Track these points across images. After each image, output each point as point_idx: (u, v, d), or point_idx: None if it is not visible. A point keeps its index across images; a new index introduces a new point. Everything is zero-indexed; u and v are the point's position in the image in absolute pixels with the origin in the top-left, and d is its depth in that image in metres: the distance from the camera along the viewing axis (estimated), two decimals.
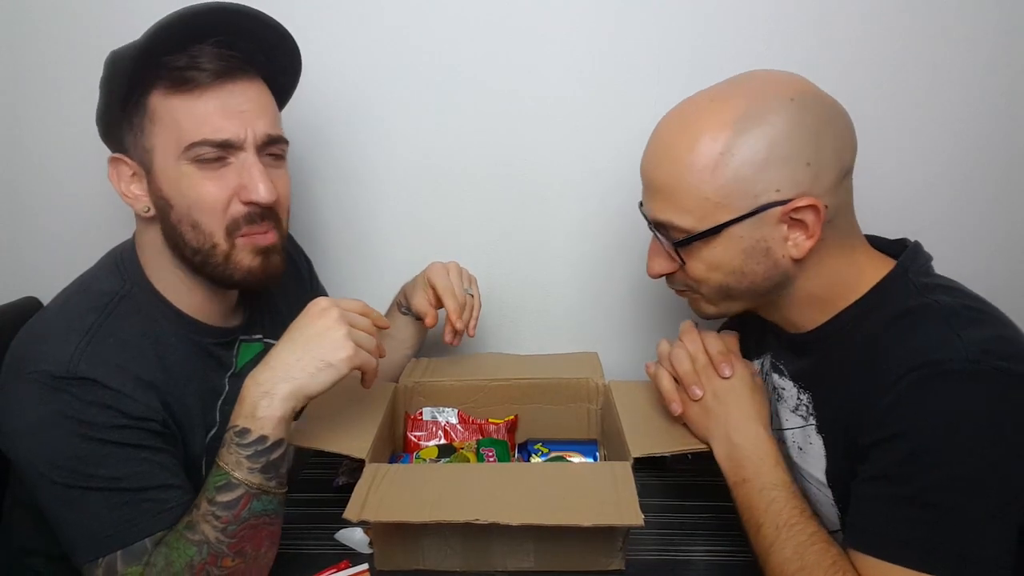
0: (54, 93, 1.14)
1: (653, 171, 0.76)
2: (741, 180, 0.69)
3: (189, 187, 0.76)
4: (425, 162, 1.16)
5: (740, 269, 0.73)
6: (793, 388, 0.82)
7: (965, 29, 1.06)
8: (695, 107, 0.74)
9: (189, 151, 0.75)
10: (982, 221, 1.13)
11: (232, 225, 0.78)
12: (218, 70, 0.75)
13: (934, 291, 0.70)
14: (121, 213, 1.00)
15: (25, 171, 1.19)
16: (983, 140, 1.10)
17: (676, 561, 0.83)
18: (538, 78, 1.12)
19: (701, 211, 0.71)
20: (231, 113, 0.75)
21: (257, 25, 0.78)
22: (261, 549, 0.74)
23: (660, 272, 0.80)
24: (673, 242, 0.74)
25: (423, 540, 0.79)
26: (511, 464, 0.96)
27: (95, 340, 0.74)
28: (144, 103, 0.76)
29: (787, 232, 0.71)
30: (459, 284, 1.00)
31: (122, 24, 1.09)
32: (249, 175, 0.76)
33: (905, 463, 0.63)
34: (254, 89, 0.79)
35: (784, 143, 0.68)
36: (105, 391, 0.72)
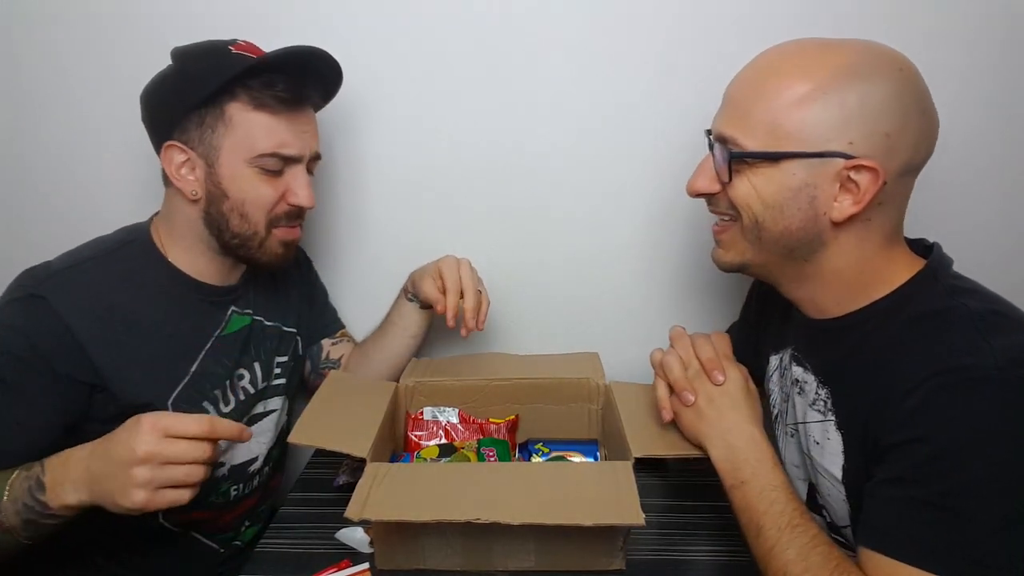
0: (54, 94, 1.14)
1: (739, 87, 0.75)
2: (820, 121, 0.68)
3: (249, 186, 0.89)
4: (425, 161, 1.16)
5: (780, 207, 0.72)
6: (814, 382, 0.81)
7: (965, 29, 1.06)
8: (804, 47, 0.73)
9: (258, 159, 0.88)
10: (983, 221, 1.13)
11: (274, 220, 0.92)
12: (292, 100, 0.89)
13: (963, 294, 0.69)
14: (121, 214, 1.01)
15: (25, 172, 1.19)
16: (984, 140, 1.10)
17: (676, 561, 0.83)
18: (540, 78, 1.12)
19: (769, 136, 0.71)
20: (297, 134, 0.90)
21: (327, 69, 0.94)
22: None
23: (701, 190, 0.79)
24: (730, 154, 0.73)
25: (424, 540, 0.79)
26: (512, 464, 0.96)
27: (76, 270, 0.86)
28: (222, 109, 0.87)
29: (837, 192, 0.70)
30: (469, 278, 1.01)
31: (122, 25, 1.11)
32: (297, 183, 0.92)
33: (926, 466, 0.62)
34: (312, 116, 0.95)
35: (876, 106, 0.68)
36: (47, 314, 0.80)
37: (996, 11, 1.06)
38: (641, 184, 1.16)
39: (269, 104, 0.87)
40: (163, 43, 0.91)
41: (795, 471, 0.88)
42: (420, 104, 1.13)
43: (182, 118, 0.87)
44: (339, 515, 0.73)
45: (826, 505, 0.80)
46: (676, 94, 1.11)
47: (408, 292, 1.08)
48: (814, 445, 0.79)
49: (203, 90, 0.85)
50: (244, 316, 1.00)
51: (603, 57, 1.11)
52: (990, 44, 1.07)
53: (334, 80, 0.96)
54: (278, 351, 1.06)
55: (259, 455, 1.01)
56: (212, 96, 0.86)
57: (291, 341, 1.09)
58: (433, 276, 1.02)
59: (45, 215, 1.21)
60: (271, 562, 0.84)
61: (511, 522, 0.71)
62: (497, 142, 1.15)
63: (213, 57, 0.87)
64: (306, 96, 0.92)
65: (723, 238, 0.81)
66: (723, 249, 0.81)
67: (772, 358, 0.93)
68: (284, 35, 0.99)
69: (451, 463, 0.93)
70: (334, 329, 1.17)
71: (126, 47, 1.11)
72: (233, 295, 0.99)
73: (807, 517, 0.70)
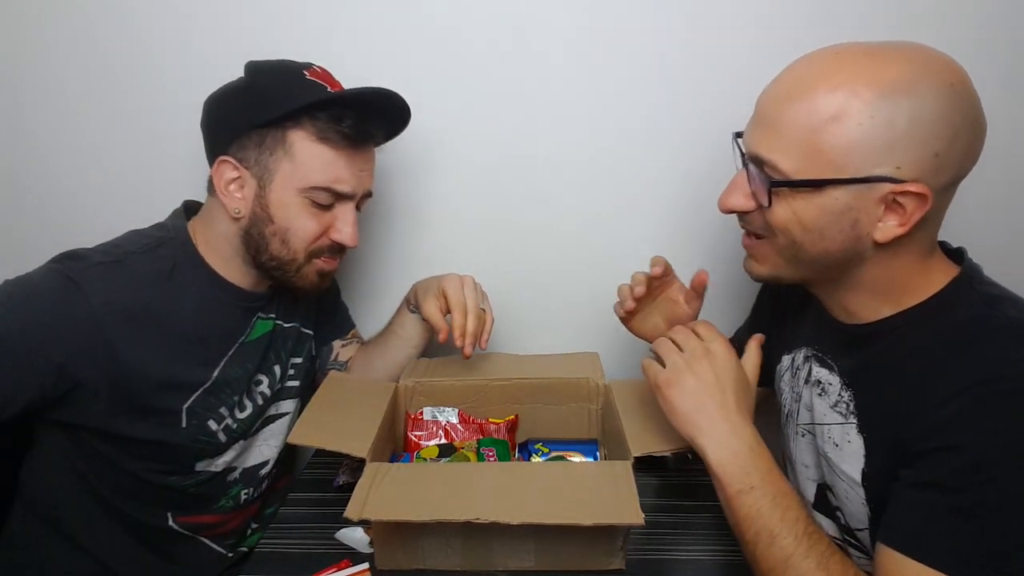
0: (55, 95, 1.14)
1: (775, 104, 0.69)
2: (866, 144, 0.64)
3: (296, 216, 0.88)
4: (426, 162, 1.16)
5: (820, 231, 0.69)
6: (839, 384, 0.79)
7: (966, 29, 1.06)
8: (848, 56, 0.67)
9: (311, 191, 0.88)
10: (982, 220, 1.13)
11: (315, 252, 0.92)
12: (357, 138, 0.88)
13: (1001, 303, 0.68)
14: (121, 214, 1.01)
15: (25, 172, 1.19)
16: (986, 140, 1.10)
17: (676, 561, 0.83)
18: (542, 78, 1.12)
19: (809, 160, 0.67)
20: (354, 172, 0.90)
21: (396, 111, 0.93)
22: None
23: (735, 208, 0.75)
24: (770, 182, 0.69)
25: (424, 540, 0.79)
26: (511, 463, 0.96)
27: (119, 265, 0.84)
28: (284, 134, 0.86)
29: (882, 214, 0.67)
30: (473, 298, 1.00)
31: (121, 27, 1.11)
32: (344, 220, 0.91)
33: (962, 474, 0.61)
34: (371, 155, 0.94)
35: (926, 126, 0.63)
36: (75, 301, 0.79)
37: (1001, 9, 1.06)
38: (642, 184, 1.16)
39: (333, 139, 0.86)
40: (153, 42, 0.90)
41: (804, 471, 0.87)
42: (427, 107, 1.13)
43: (242, 135, 0.87)
44: (339, 515, 0.73)
45: (841, 507, 0.79)
46: (683, 97, 1.11)
47: (410, 304, 1.07)
48: (832, 447, 0.78)
49: (270, 112, 0.85)
50: (267, 321, 1.00)
51: (608, 60, 1.10)
52: (995, 43, 1.07)
53: (401, 122, 0.95)
54: (294, 352, 1.06)
55: (270, 459, 1.01)
56: (278, 120, 0.85)
57: (307, 342, 1.09)
58: (436, 295, 1.00)
59: (34, 227, 1.21)
60: (271, 562, 0.84)
61: (510, 521, 0.71)
62: (500, 144, 1.15)
63: (286, 79, 0.87)
64: (370, 135, 0.91)
65: (756, 253, 0.78)
66: (756, 263, 0.78)
67: (784, 357, 0.92)
68: (287, 37, 0.99)
69: (451, 463, 0.93)
70: (345, 329, 1.16)
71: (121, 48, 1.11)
72: (261, 302, 0.98)
73: (815, 524, 0.69)
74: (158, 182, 1.15)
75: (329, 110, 0.85)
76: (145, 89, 1.13)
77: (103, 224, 0.96)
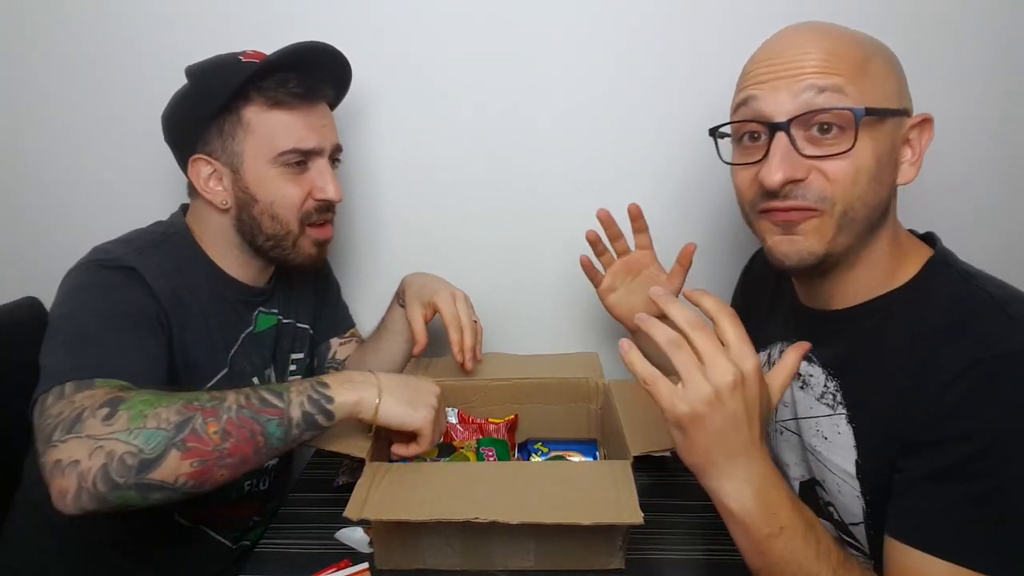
0: (53, 97, 1.15)
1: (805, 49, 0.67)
2: (895, 78, 0.69)
3: (275, 187, 0.90)
4: (425, 164, 1.17)
5: (879, 175, 0.68)
6: (822, 375, 0.77)
7: (965, 29, 1.06)
8: (819, 24, 0.72)
9: (280, 157, 0.89)
10: (983, 221, 1.14)
11: (304, 217, 0.93)
12: (306, 94, 0.90)
13: (979, 279, 0.67)
14: (121, 215, 1.01)
15: (25, 173, 1.19)
16: (985, 140, 1.10)
17: (676, 561, 0.83)
18: (538, 81, 1.12)
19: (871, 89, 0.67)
20: (314, 128, 0.91)
21: (335, 64, 0.96)
22: (232, 457, 0.71)
23: (793, 176, 0.67)
24: (863, 111, 0.65)
25: (423, 539, 0.79)
26: (511, 463, 0.96)
27: (143, 255, 0.85)
28: (239, 114, 0.89)
29: (903, 152, 0.70)
30: (467, 313, 1.00)
31: (121, 29, 1.11)
32: (323, 178, 0.93)
33: (974, 461, 0.60)
34: (326, 109, 0.95)
35: (899, 64, 0.70)
36: (138, 282, 0.82)
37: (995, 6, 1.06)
38: (642, 185, 1.16)
39: (284, 101, 0.89)
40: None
41: (786, 469, 0.86)
42: (427, 107, 1.14)
43: (203, 131, 0.90)
44: (339, 515, 0.73)
45: (834, 503, 0.78)
46: (679, 95, 1.12)
47: (400, 298, 1.07)
48: (821, 440, 0.77)
49: (219, 99, 0.87)
50: (271, 316, 1.02)
51: (602, 64, 1.11)
52: (986, 39, 1.07)
53: (343, 74, 0.98)
54: (293, 348, 1.07)
55: None
56: (228, 104, 0.88)
57: (305, 338, 1.10)
58: (424, 304, 1.00)
59: (34, 227, 1.21)
60: (271, 562, 0.84)
61: (510, 521, 0.71)
62: (500, 144, 1.15)
63: (224, 68, 0.90)
64: (319, 90, 0.93)
65: (806, 226, 0.69)
66: (801, 237, 0.70)
67: (760, 353, 0.92)
68: (285, 39, 0.99)
69: (450, 462, 0.93)
70: (345, 327, 1.17)
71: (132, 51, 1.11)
72: (262, 297, 1.01)
73: (841, 545, 0.64)
74: (145, 184, 1.16)
75: (272, 77, 0.88)
76: (129, 91, 1.13)
77: (92, 226, 0.97)
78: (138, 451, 0.66)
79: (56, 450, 0.66)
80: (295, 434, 0.76)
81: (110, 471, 0.65)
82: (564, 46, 1.11)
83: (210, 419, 0.70)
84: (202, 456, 0.69)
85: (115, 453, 0.66)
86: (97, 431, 0.67)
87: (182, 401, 0.71)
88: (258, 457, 0.74)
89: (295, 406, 0.75)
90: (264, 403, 0.74)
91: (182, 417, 0.69)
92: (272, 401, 0.75)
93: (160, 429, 0.68)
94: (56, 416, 0.68)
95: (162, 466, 0.67)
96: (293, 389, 0.77)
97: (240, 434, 0.72)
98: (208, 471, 0.70)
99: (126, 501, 0.67)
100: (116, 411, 0.68)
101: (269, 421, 0.74)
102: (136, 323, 0.80)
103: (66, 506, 0.66)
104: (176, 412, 0.69)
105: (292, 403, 0.76)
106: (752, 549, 0.62)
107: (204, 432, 0.70)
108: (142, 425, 0.67)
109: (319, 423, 0.77)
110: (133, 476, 0.66)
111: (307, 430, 0.77)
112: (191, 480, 0.69)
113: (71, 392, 0.71)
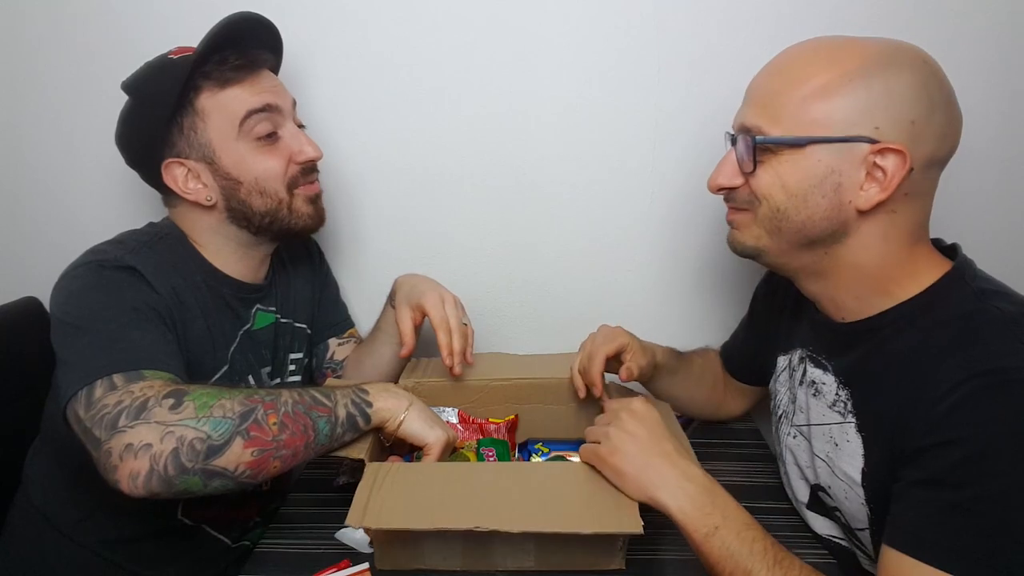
0: (52, 98, 1.14)
1: (764, 80, 0.75)
2: (846, 106, 0.68)
3: (253, 163, 0.90)
4: (423, 164, 1.17)
5: (804, 196, 0.71)
6: (834, 383, 0.79)
7: (967, 29, 1.06)
8: (831, 40, 0.73)
9: (243, 126, 0.89)
10: (982, 219, 1.14)
11: (291, 183, 0.94)
12: (248, 65, 0.91)
13: (993, 297, 0.68)
14: (120, 215, 1.01)
15: (25, 173, 1.19)
16: (985, 140, 1.10)
17: (676, 561, 0.83)
18: (534, 81, 1.12)
19: (794, 123, 0.70)
20: (265, 90, 0.91)
21: (262, 29, 0.95)
22: (287, 448, 0.75)
23: (723, 184, 0.77)
24: (755, 141, 0.72)
25: (424, 542, 0.79)
26: (512, 464, 0.96)
27: (139, 255, 0.86)
28: (192, 106, 0.88)
29: (863, 179, 0.69)
30: (456, 316, 1.00)
31: (120, 31, 1.11)
32: (297, 141, 0.94)
33: (960, 469, 0.61)
34: (270, 74, 0.95)
35: (903, 94, 0.67)
36: (141, 281, 0.83)
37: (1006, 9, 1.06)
38: (641, 185, 1.16)
39: (231, 76, 0.89)
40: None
41: (797, 471, 0.87)
42: (422, 105, 1.14)
43: (164, 137, 0.89)
44: (339, 515, 0.73)
45: (840, 508, 0.79)
46: (675, 94, 1.11)
47: (392, 300, 1.07)
48: (832, 447, 0.78)
49: (168, 100, 0.87)
50: (269, 313, 1.02)
51: (600, 62, 1.11)
52: (1000, 44, 1.07)
53: (273, 34, 0.97)
54: (292, 348, 1.06)
55: None
56: (179, 102, 0.87)
57: (304, 338, 1.09)
58: (413, 307, 1.00)
59: (34, 227, 1.21)
60: (271, 562, 0.84)
61: (511, 530, 0.71)
62: (497, 144, 1.15)
63: (160, 71, 0.90)
64: (259, 58, 0.93)
65: (737, 219, 0.79)
66: (739, 232, 0.79)
67: (780, 358, 0.92)
68: (285, 46, 0.99)
69: (450, 463, 0.93)
70: (343, 328, 1.17)
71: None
72: (259, 293, 1.00)
73: (780, 546, 0.68)
74: (145, 184, 1.15)
75: (210, 60, 0.88)
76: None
77: (92, 226, 0.97)
78: (207, 437, 0.70)
79: (125, 435, 0.68)
80: (339, 433, 0.80)
81: (180, 455, 0.68)
82: (559, 44, 1.10)
83: (270, 411, 0.75)
84: (262, 445, 0.73)
85: (185, 438, 0.69)
86: (166, 418, 0.69)
87: (243, 394, 0.75)
88: (307, 451, 0.78)
89: (340, 406, 0.81)
90: (316, 401, 0.79)
91: (245, 408, 0.73)
92: (322, 400, 0.80)
93: (226, 418, 0.72)
94: (115, 405, 0.70)
95: (227, 453, 0.71)
96: (338, 392, 0.82)
97: (295, 427, 0.76)
98: (265, 461, 0.74)
99: (188, 487, 0.70)
100: (182, 400, 0.71)
101: (320, 417, 0.78)
102: (151, 319, 0.81)
103: (136, 487, 0.68)
104: (239, 403, 0.73)
105: (338, 403, 0.81)
106: (697, 550, 0.70)
107: (265, 422, 0.74)
108: (209, 414, 0.71)
109: (359, 425, 0.82)
110: (200, 461, 0.69)
111: (349, 430, 0.82)
112: (249, 470, 0.73)
113: (123, 383, 0.73)
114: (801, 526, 0.89)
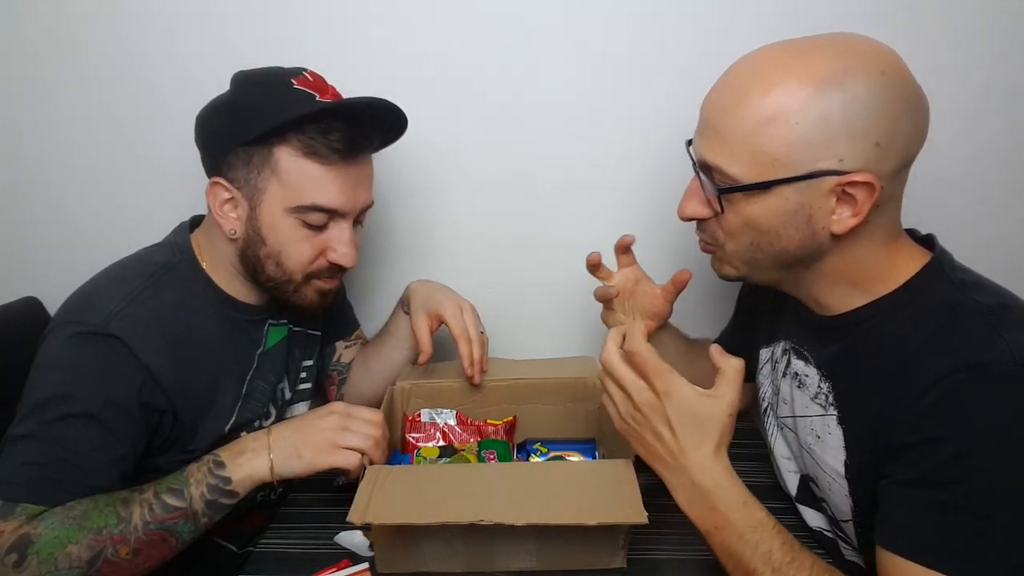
0: (54, 98, 1.14)
1: (715, 112, 0.71)
2: (806, 141, 0.65)
3: (287, 239, 0.85)
4: (425, 166, 1.17)
5: (776, 231, 0.70)
6: (816, 376, 0.79)
7: (967, 29, 1.07)
8: (777, 56, 0.69)
9: (300, 210, 0.83)
10: (983, 219, 1.14)
11: (312, 274, 0.89)
12: (348, 151, 0.83)
13: (972, 288, 0.68)
14: (119, 215, 1.01)
15: (26, 174, 1.18)
16: (984, 140, 1.11)
17: (677, 560, 0.83)
18: (540, 82, 1.12)
19: (755, 163, 0.67)
20: (346, 188, 0.84)
21: (391, 119, 0.88)
22: (148, 562, 0.76)
23: (692, 215, 0.76)
24: (718, 189, 0.70)
25: (425, 542, 0.79)
26: (513, 463, 0.96)
27: (135, 303, 0.81)
28: (271, 151, 0.82)
29: (835, 206, 0.67)
30: (475, 325, 1.00)
31: (119, 32, 1.11)
32: (340, 241, 0.87)
33: (947, 467, 0.61)
34: (367, 165, 0.89)
35: (862, 115, 0.64)
36: (120, 356, 0.78)
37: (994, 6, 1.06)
38: (639, 186, 1.17)
39: (321, 153, 0.81)
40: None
41: (786, 463, 0.88)
42: (420, 109, 1.13)
43: (230, 154, 0.83)
44: (339, 515, 0.73)
45: (826, 499, 0.79)
46: (675, 98, 1.12)
47: (404, 305, 1.07)
48: (815, 439, 0.79)
49: (255, 129, 0.81)
50: (281, 327, 1.00)
51: (606, 65, 1.11)
52: (988, 40, 1.08)
53: (396, 130, 0.91)
54: (305, 356, 1.06)
55: None
56: (263, 136, 0.81)
57: (316, 343, 1.09)
58: (430, 315, 1.00)
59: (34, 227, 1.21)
60: (271, 562, 0.84)
61: (514, 523, 0.71)
62: (499, 145, 1.16)
63: (271, 92, 0.83)
64: (363, 147, 0.86)
65: (718, 256, 0.79)
66: (719, 264, 0.80)
67: (763, 351, 0.93)
68: (287, 38, 0.99)
69: (450, 463, 0.93)
70: (350, 330, 1.16)
71: None
72: (268, 311, 0.98)
73: (797, 548, 0.66)
74: (145, 185, 1.16)
75: (317, 123, 0.81)
76: (130, 92, 1.13)
77: (92, 227, 0.96)
78: None
79: None
80: (204, 522, 0.79)
81: None
82: (565, 44, 1.11)
83: (120, 544, 0.73)
84: (120, 573, 0.74)
85: None
86: None
87: (92, 533, 0.72)
88: (174, 552, 0.78)
89: (196, 500, 0.77)
90: (167, 509, 0.76)
91: (92, 552, 0.72)
92: (174, 504, 0.76)
93: (72, 568, 0.71)
94: None
95: None
96: (192, 480, 0.78)
97: (151, 549, 0.75)
98: None
99: None
100: (26, 556, 0.70)
101: (176, 523, 0.77)
102: (105, 417, 0.77)
103: None
104: (87, 548, 0.72)
105: (193, 498, 0.77)
106: (704, 540, 0.70)
107: (116, 557, 0.73)
108: (54, 567, 0.70)
109: (224, 504, 0.79)
110: None
111: (216, 513, 0.79)
112: None
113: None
114: (799, 525, 0.89)
